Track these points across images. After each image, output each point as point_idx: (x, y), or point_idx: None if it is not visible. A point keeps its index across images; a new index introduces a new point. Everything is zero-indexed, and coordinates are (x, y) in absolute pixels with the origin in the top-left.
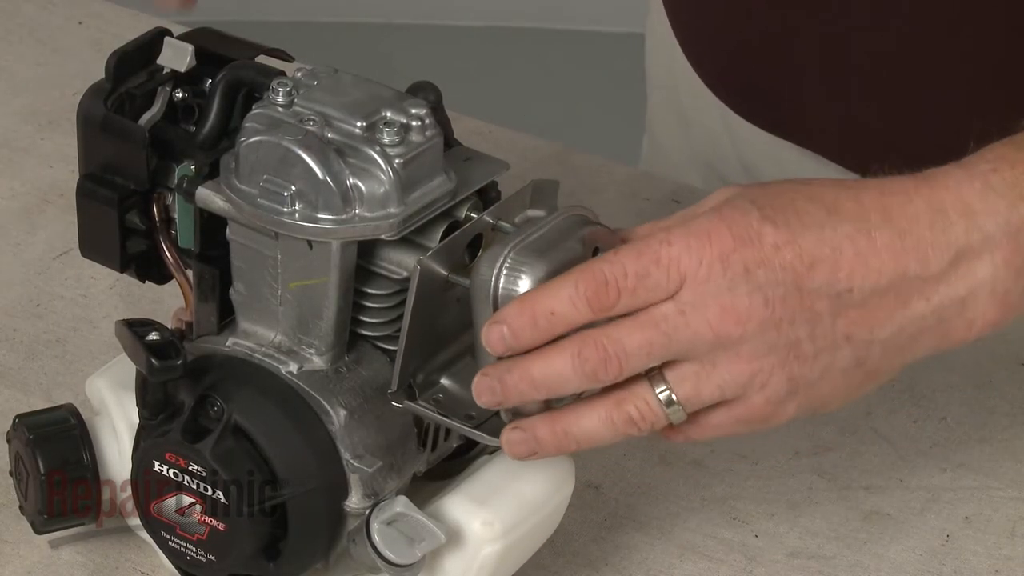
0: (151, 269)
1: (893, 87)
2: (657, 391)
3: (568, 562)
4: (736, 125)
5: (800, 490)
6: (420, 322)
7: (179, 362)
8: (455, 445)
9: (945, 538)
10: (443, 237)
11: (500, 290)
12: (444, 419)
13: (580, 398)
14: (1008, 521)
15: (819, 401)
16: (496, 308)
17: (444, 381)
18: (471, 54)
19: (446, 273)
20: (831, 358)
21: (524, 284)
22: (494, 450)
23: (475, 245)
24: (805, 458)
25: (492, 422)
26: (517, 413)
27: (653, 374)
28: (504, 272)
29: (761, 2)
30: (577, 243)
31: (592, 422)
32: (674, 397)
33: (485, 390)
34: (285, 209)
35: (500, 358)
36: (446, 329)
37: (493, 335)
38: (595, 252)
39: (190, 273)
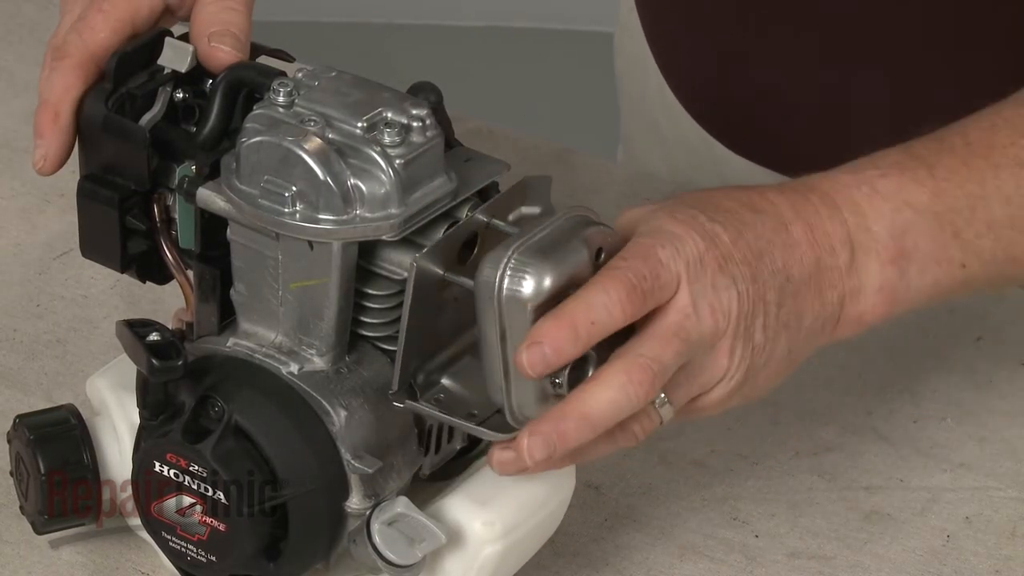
0: (152, 269)
1: (889, 127)
2: (655, 402)
3: (568, 562)
4: (716, 148)
5: (800, 490)
6: (418, 321)
7: (180, 363)
8: (459, 447)
9: (945, 538)
10: None
11: (504, 291)
12: (446, 417)
13: None
14: (1008, 521)
15: (756, 391)
16: (500, 309)
17: (445, 381)
18: (471, 54)
19: (442, 272)
20: (774, 347)
21: (528, 286)
22: None
23: (471, 244)
24: (805, 458)
25: (495, 419)
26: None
27: None
28: (508, 273)
29: (749, 30)
30: (580, 244)
31: (596, 441)
32: (668, 401)
33: (540, 447)
34: (286, 210)
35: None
36: (445, 328)
37: (534, 356)
38: (598, 254)
39: (190, 273)
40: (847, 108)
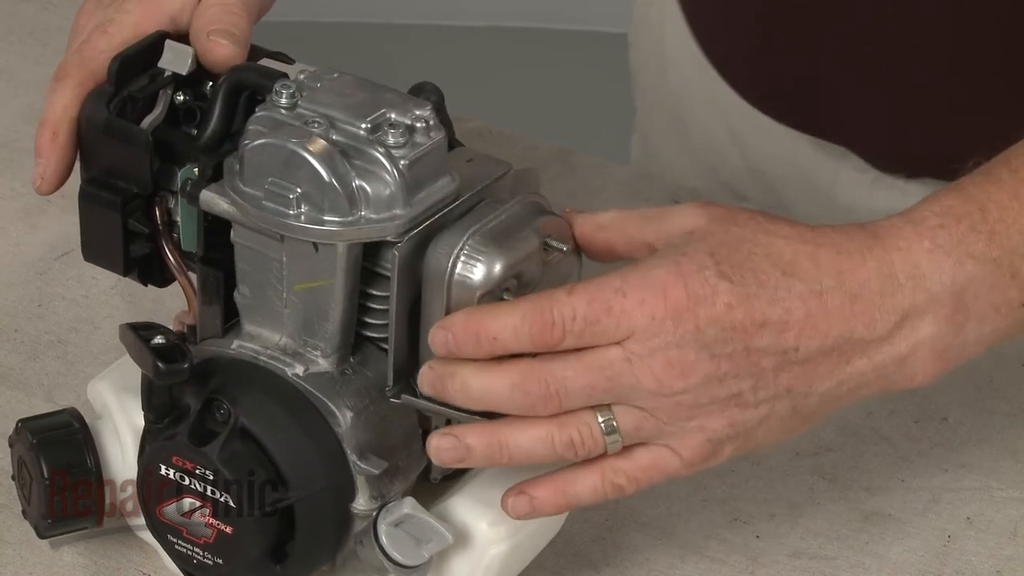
0: (153, 272)
1: (938, 81)
2: (600, 419)
3: (569, 562)
4: (745, 127)
5: (801, 491)
6: (406, 309)
7: (185, 365)
8: None
9: (946, 539)
10: None
11: (455, 276)
12: (443, 409)
13: None
14: (1009, 521)
15: (755, 444)
16: (448, 292)
17: None
18: (471, 54)
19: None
20: (770, 408)
21: (479, 272)
22: None
23: None
24: (806, 459)
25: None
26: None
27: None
28: (462, 259)
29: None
30: (532, 233)
31: (530, 439)
32: (616, 425)
33: (426, 384)
34: (291, 212)
35: None
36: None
37: (437, 338)
38: (545, 243)
39: (192, 276)
40: (894, 71)
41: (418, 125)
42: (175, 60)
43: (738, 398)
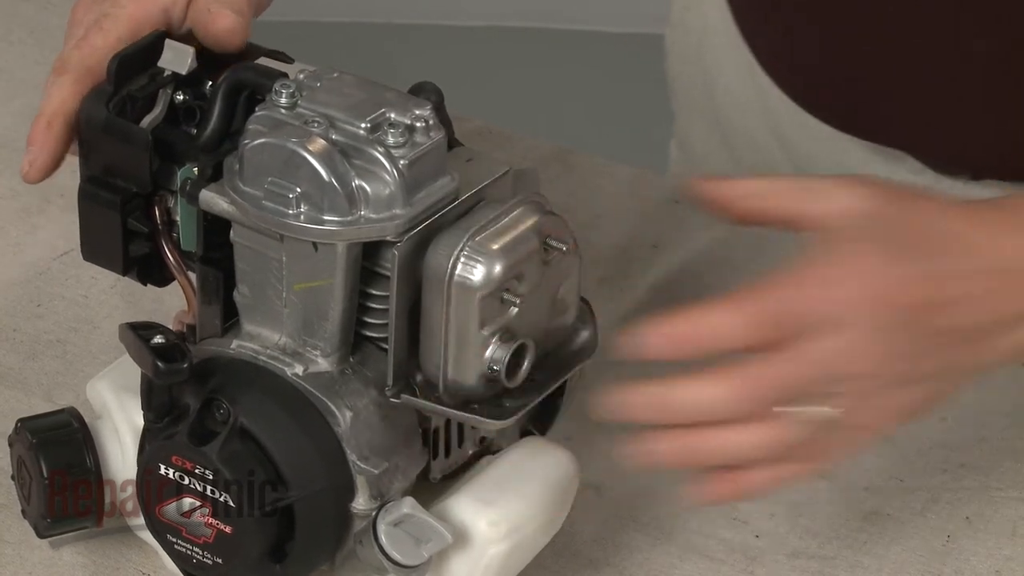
0: (153, 272)
1: (1002, 77)
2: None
3: (569, 562)
4: (793, 131)
5: (801, 490)
6: (406, 309)
7: (185, 365)
8: (471, 452)
9: (946, 538)
10: None
11: (455, 277)
12: (443, 409)
13: None
14: (1009, 521)
15: (910, 416)
16: (448, 293)
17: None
18: (471, 54)
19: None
20: (937, 386)
21: (479, 274)
22: (498, 449)
23: None
24: None
25: (491, 408)
26: None
27: None
28: (462, 260)
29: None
30: (532, 233)
31: (741, 439)
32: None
33: (639, 407)
34: (290, 211)
35: None
36: None
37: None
38: (545, 243)
39: (192, 276)
40: (951, 69)
41: (418, 125)
42: (175, 59)
43: (909, 378)
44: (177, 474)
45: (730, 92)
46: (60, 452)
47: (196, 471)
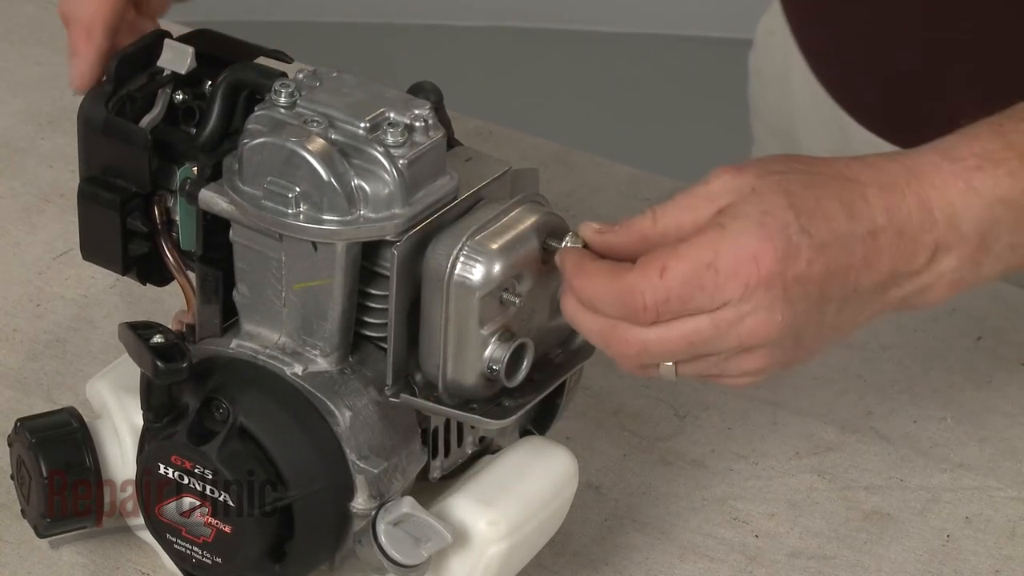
0: (152, 271)
1: None
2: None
3: (568, 562)
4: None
5: (800, 490)
6: (406, 309)
7: (184, 365)
8: (470, 451)
9: (945, 538)
10: None
11: (455, 277)
12: (442, 408)
13: None
14: (1008, 521)
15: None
16: (447, 293)
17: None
18: (471, 54)
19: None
20: (820, 344)
21: (478, 274)
22: (497, 449)
23: None
24: (805, 458)
25: (491, 408)
26: None
27: None
28: (461, 260)
29: (917, 29)
30: (531, 233)
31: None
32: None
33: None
34: (289, 211)
35: None
36: None
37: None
38: (545, 243)
39: (191, 275)
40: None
41: (417, 124)
42: (174, 59)
43: (800, 341)
44: (177, 474)
45: (804, 115)
46: (59, 452)
47: (196, 471)
